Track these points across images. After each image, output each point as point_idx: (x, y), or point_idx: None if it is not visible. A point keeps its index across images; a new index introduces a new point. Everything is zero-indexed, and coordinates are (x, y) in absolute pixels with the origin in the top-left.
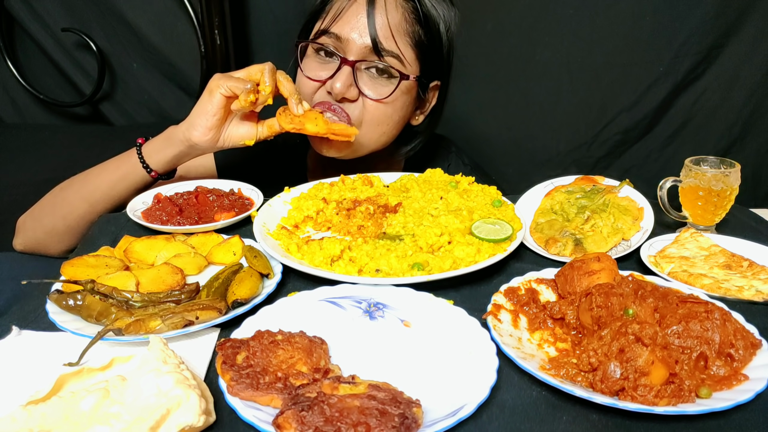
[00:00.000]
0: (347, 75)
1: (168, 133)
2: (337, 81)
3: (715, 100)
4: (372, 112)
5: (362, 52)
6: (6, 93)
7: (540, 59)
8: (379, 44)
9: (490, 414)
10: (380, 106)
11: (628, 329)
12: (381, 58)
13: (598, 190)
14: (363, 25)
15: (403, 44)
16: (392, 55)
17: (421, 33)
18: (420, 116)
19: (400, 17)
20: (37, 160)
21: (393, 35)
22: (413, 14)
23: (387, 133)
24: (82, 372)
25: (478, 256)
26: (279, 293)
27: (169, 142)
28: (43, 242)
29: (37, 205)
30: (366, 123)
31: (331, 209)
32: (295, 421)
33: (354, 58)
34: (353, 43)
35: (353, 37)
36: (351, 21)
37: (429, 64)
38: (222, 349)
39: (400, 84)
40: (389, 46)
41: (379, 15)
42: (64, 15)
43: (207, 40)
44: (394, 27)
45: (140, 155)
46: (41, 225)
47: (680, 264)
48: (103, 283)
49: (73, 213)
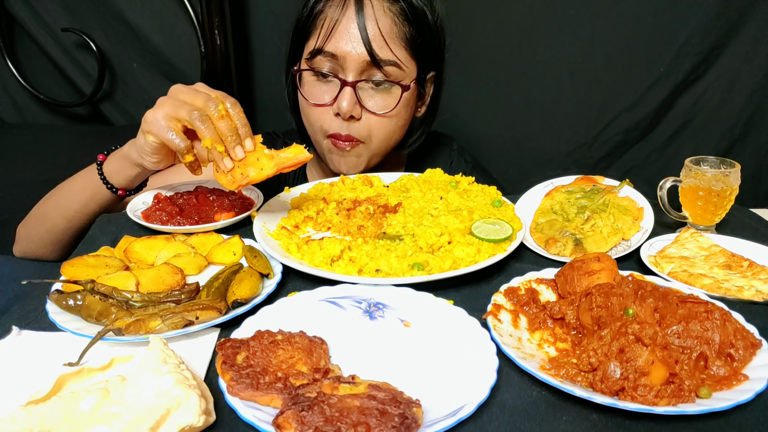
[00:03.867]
0: (350, 94)
1: (124, 151)
2: (343, 101)
3: (716, 101)
4: (379, 126)
5: (360, 66)
6: (6, 93)
7: (540, 59)
8: (375, 56)
9: (490, 414)
10: (384, 120)
11: (628, 329)
12: (381, 69)
13: (598, 190)
14: (356, 38)
15: (398, 48)
16: (390, 64)
17: (413, 32)
18: (422, 107)
19: (390, 22)
20: (37, 160)
21: (387, 43)
22: (402, 15)
23: (396, 137)
24: (82, 372)
25: (478, 256)
26: (279, 293)
27: (127, 163)
28: (36, 252)
29: (28, 217)
30: (375, 137)
31: (331, 209)
32: (295, 421)
33: (353, 74)
34: (350, 59)
35: (348, 51)
36: (344, 36)
37: (424, 58)
38: (222, 349)
39: (402, 94)
40: (386, 55)
41: (370, 24)
42: (64, 15)
43: (207, 40)
44: (386, 34)
45: (102, 176)
46: (31, 237)
47: (680, 264)
48: (103, 283)
49: (55, 228)
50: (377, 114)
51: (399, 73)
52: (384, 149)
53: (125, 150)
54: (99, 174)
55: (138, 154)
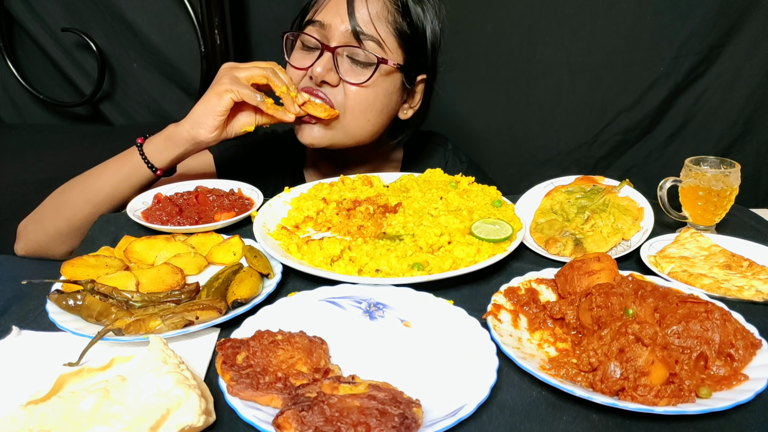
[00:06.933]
0: (327, 60)
1: (169, 132)
2: (318, 66)
3: (716, 100)
4: (353, 98)
5: (343, 37)
6: (6, 93)
7: (540, 59)
8: (358, 29)
9: (490, 414)
10: (361, 91)
11: (628, 329)
12: (360, 43)
13: (598, 190)
14: (344, 12)
15: (384, 31)
16: (372, 40)
17: (403, 23)
18: (409, 110)
19: (381, 6)
20: (37, 160)
21: (373, 21)
22: (394, 4)
23: (372, 120)
24: (82, 372)
25: (478, 256)
26: (279, 293)
27: (172, 142)
28: (45, 245)
29: (38, 209)
30: (349, 109)
31: (331, 209)
32: (295, 421)
33: (335, 42)
34: (335, 29)
35: (335, 22)
36: (333, 8)
37: (413, 55)
38: (222, 349)
39: (379, 67)
40: (369, 31)
41: (360, 3)
42: (64, 15)
43: (207, 40)
44: (374, 14)
45: (143, 155)
46: (44, 228)
47: (680, 264)
48: (103, 283)
49: (77, 215)
50: (352, 83)
51: (380, 52)
52: (359, 129)
53: (168, 131)
54: (141, 154)
55: (193, 123)
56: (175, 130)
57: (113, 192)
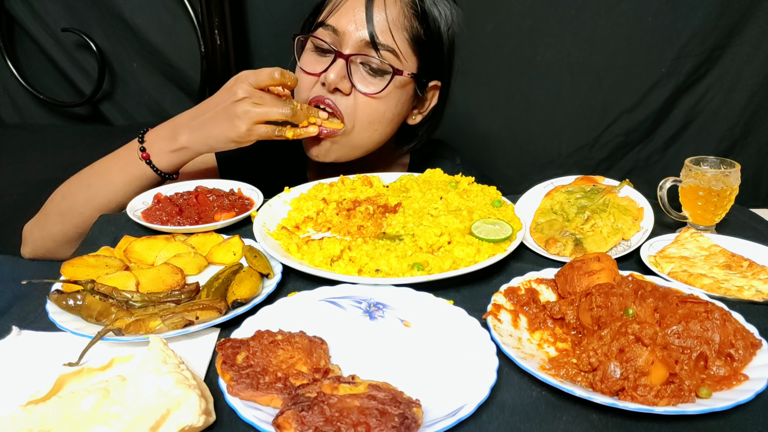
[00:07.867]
0: (341, 67)
1: (179, 144)
2: (331, 72)
3: (717, 101)
4: (363, 108)
5: (358, 45)
6: (6, 93)
7: (541, 60)
8: (375, 38)
9: (490, 414)
10: (372, 102)
11: (628, 329)
12: (378, 52)
13: (598, 190)
14: (360, 18)
15: (400, 39)
16: (388, 50)
17: (420, 29)
18: (418, 116)
19: (398, 12)
20: (37, 160)
21: (390, 29)
22: (412, 9)
23: (380, 131)
24: (82, 372)
25: (478, 256)
26: (279, 293)
27: (185, 153)
28: (54, 250)
29: (41, 215)
30: (359, 121)
31: (331, 209)
32: (295, 421)
33: (349, 50)
34: (350, 36)
35: (350, 29)
36: (348, 14)
37: (427, 61)
38: (222, 349)
39: (393, 79)
40: (385, 40)
41: (378, 9)
42: (64, 15)
43: (207, 40)
44: (391, 21)
45: (152, 165)
46: (50, 235)
47: (680, 264)
48: (103, 283)
49: (85, 221)
50: (365, 93)
51: (395, 62)
52: (366, 140)
53: (178, 143)
54: (148, 163)
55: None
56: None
57: (123, 200)
